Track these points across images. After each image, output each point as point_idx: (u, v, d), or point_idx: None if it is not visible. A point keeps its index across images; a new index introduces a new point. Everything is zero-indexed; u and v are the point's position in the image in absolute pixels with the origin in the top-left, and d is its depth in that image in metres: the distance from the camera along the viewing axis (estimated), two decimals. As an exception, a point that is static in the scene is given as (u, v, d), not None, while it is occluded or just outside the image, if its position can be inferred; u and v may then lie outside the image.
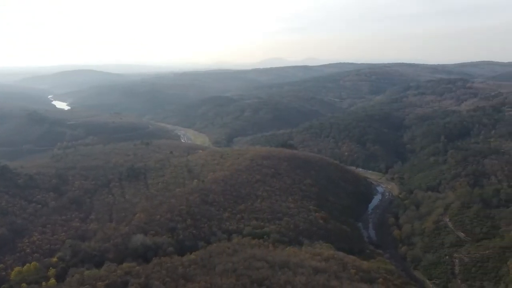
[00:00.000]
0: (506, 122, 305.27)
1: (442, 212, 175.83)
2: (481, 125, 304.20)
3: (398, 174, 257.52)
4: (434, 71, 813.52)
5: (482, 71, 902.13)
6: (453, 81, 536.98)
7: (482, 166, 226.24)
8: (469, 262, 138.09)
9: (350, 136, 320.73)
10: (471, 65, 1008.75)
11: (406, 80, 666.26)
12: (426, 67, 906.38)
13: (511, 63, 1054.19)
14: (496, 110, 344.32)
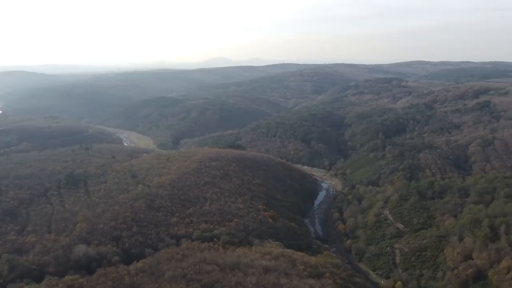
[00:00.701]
0: (437, 118, 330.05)
1: (382, 205, 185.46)
2: (415, 122, 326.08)
3: (341, 170, 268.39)
4: (371, 71, 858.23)
5: (415, 70, 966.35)
6: (389, 81, 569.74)
7: (417, 160, 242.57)
8: (409, 252, 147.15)
9: (296, 135, 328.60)
10: (405, 65, 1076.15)
11: (346, 80, 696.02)
12: (364, 67, 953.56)
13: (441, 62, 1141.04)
14: (428, 107, 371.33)
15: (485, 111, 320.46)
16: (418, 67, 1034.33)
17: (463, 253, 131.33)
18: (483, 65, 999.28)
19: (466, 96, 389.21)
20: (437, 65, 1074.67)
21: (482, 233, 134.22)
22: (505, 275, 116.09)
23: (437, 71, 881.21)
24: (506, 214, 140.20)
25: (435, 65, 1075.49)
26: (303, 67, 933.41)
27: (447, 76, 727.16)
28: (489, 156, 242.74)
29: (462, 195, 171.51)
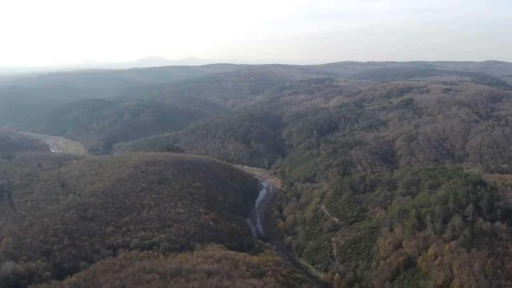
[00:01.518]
0: (366, 116, 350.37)
1: (319, 201, 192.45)
2: (346, 120, 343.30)
3: (279, 168, 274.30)
4: (304, 71, 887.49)
5: (345, 70, 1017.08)
6: (321, 81, 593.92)
7: (349, 156, 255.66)
8: (345, 244, 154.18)
9: (235, 136, 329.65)
10: (335, 65, 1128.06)
11: (281, 80, 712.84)
12: (297, 67, 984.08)
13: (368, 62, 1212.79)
14: (358, 106, 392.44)
15: (409, 108, 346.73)
16: (348, 67, 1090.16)
17: (394, 242, 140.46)
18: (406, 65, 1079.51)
19: (392, 94, 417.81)
20: (364, 65, 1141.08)
21: (410, 223, 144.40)
22: (432, 261, 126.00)
23: (365, 71, 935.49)
24: (430, 204, 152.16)
25: (363, 65, 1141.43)
26: (240, 68, 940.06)
27: (374, 75, 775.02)
28: (413, 150, 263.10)
29: (390, 187, 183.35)
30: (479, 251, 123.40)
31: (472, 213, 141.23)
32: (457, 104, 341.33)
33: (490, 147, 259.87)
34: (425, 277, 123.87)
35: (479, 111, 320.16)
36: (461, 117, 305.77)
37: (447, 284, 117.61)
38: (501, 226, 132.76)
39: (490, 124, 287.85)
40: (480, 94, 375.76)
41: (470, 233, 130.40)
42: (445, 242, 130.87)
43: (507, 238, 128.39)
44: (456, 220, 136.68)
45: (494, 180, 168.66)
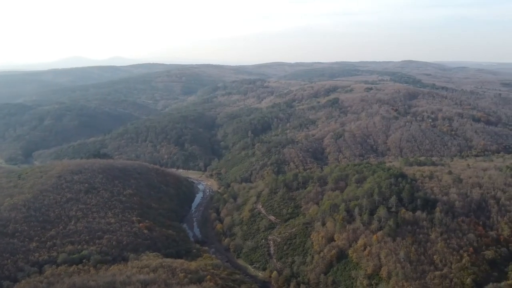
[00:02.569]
0: (297, 116, 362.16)
1: (255, 200, 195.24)
2: (279, 120, 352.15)
3: (216, 170, 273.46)
4: (236, 72, 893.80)
5: (275, 71, 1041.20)
6: (253, 81, 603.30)
7: (283, 155, 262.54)
8: (281, 242, 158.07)
9: (168, 138, 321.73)
10: (265, 66, 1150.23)
11: (214, 80, 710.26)
12: (229, 68, 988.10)
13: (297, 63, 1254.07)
14: (289, 106, 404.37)
15: (335, 107, 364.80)
16: (278, 67, 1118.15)
17: (327, 236, 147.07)
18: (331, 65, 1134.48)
19: (319, 94, 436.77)
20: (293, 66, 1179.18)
21: (340, 217, 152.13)
22: (362, 252, 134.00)
23: (293, 71, 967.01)
24: (358, 197, 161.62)
25: (292, 66, 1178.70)
26: (170, 68, 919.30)
27: (302, 76, 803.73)
28: (341, 146, 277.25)
29: (321, 183, 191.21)
30: (403, 240, 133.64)
31: (396, 204, 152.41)
32: (378, 102, 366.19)
33: (408, 141, 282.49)
34: (356, 268, 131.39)
35: (398, 108, 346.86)
36: (382, 114, 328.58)
37: (376, 273, 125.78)
38: (422, 215, 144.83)
39: (408, 120, 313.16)
40: (398, 92, 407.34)
41: (395, 223, 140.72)
42: (373, 233, 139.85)
43: (428, 226, 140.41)
44: (381, 211, 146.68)
45: (413, 172, 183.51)
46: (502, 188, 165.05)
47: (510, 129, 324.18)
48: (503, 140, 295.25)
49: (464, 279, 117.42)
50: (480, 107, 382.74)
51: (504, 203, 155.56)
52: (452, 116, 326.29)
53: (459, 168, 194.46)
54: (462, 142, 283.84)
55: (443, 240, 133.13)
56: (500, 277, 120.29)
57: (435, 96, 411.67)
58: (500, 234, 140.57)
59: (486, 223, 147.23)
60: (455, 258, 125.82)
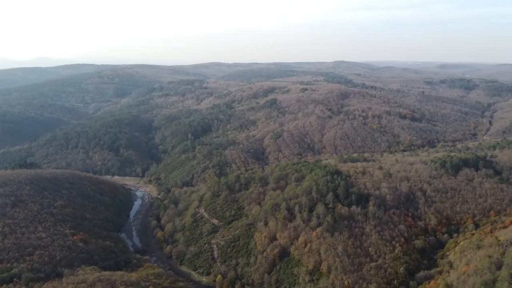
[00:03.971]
0: (237, 117, 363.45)
1: (197, 205, 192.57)
2: (219, 121, 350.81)
3: (155, 175, 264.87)
4: (173, 72, 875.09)
5: (213, 71, 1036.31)
6: (191, 82, 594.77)
7: (224, 157, 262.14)
8: (225, 245, 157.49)
9: (102, 144, 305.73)
10: (203, 66, 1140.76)
11: (149, 81, 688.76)
12: (166, 68, 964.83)
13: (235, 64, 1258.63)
14: (228, 107, 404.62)
15: (273, 108, 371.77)
16: (216, 68, 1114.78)
17: (269, 236, 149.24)
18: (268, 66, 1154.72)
19: (258, 95, 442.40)
20: (231, 66, 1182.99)
21: (281, 215, 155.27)
22: (303, 249, 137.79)
23: (231, 72, 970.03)
24: (297, 196, 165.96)
25: (230, 66, 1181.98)
26: (101, 68, 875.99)
27: (240, 76, 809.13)
28: (280, 146, 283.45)
29: (263, 183, 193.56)
30: (340, 234, 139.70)
31: (332, 200, 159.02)
32: (313, 102, 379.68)
33: (342, 139, 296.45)
34: (298, 265, 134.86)
35: (332, 108, 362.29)
36: (317, 114, 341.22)
37: (317, 268, 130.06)
38: (356, 209, 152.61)
39: (341, 119, 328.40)
40: (331, 92, 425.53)
41: (332, 219, 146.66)
42: (312, 229, 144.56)
43: (362, 219, 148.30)
44: (319, 208, 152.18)
45: (347, 169, 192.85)
46: (428, 181, 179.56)
47: (433, 124, 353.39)
48: (427, 135, 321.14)
49: (397, 268, 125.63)
50: (406, 105, 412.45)
51: (430, 194, 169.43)
52: (381, 114, 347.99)
53: (389, 163, 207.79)
54: (390, 138, 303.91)
55: (377, 233, 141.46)
56: (430, 264, 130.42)
57: (365, 95, 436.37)
58: (428, 224, 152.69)
59: (415, 214, 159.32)
60: (388, 249, 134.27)
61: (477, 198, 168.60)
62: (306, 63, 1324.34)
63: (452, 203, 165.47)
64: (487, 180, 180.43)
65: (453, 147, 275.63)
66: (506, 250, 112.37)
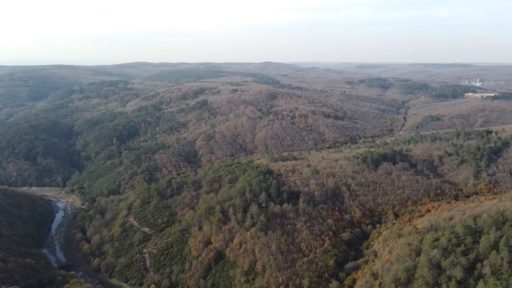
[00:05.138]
0: (166, 119, 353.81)
1: (126, 213, 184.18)
2: (147, 124, 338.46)
3: (77, 184, 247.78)
4: (95, 73, 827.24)
5: (138, 71, 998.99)
6: (115, 83, 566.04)
7: (154, 161, 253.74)
8: (158, 253, 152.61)
9: (16, 153, 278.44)
10: (128, 66, 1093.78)
11: (68, 83, 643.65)
12: (86, 68, 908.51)
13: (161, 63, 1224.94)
14: (156, 109, 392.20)
15: (204, 109, 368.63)
16: (141, 68, 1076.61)
17: (204, 240, 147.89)
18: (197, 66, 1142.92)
19: (187, 96, 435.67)
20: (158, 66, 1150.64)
21: (216, 218, 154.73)
22: (238, 250, 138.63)
23: (158, 72, 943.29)
24: (231, 197, 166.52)
25: (156, 66, 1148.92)
26: (13, 70, 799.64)
27: (168, 77, 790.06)
28: (212, 148, 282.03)
29: (196, 187, 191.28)
30: (274, 233, 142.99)
31: (265, 199, 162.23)
32: (244, 103, 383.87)
33: (273, 139, 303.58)
34: (234, 266, 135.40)
35: (262, 108, 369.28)
36: (248, 114, 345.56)
37: (252, 268, 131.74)
38: (288, 207, 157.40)
39: (271, 119, 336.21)
40: (260, 93, 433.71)
41: (265, 218, 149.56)
42: (247, 230, 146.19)
43: (294, 216, 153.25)
44: (253, 208, 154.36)
45: (278, 168, 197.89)
46: (352, 176, 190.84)
47: (354, 122, 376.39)
48: (349, 132, 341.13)
49: (327, 261, 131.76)
50: (329, 104, 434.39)
51: (354, 188, 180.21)
52: (307, 113, 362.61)
53: (316, 160, 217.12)
54: (316, 136, 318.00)
55: (307, 228, 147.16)
56: (357, 255, 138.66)
57: (292, 95, 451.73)
58: (353, 217, 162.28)
59: (341, 208, 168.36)
60: (318, 243, 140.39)
61: (395, 189, 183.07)
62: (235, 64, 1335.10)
63: (374, 196, 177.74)
64: (404, 172, 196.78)
65: (372, 142, 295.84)
66: (423, 237, 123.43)
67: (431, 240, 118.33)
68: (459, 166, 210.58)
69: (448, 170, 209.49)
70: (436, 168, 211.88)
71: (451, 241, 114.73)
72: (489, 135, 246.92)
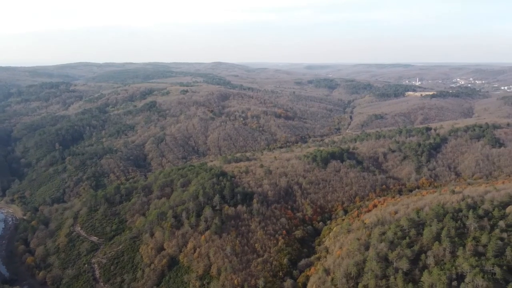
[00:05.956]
0: (112, 122, 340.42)
1: (72, 222, 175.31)
2: (92, 127, 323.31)
3: (18, 193, 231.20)
4: (34, 74, 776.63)
5: (81, 72, 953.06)
6: (56, 85, 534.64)
7: (101, 167, 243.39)
8: (107, 262, 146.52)
9: None
10: (70, 66, 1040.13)
11: (4, 85, 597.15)
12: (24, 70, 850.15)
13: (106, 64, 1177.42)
14: (102, 111, 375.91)
15: (153, 111, 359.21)
16: (84, 68, 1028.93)
17: (156, 246, 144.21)
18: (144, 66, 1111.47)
19: (135, 97, 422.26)
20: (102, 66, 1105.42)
21: (168, 224, 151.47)
22: (192, 255, 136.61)
23: (103, 72, 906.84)
24: (184, 201, 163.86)
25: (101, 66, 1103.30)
26: None
27: (114, 77, 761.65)
28: (163, 151, 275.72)
29: (146, 192, 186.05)
30: (228, 235, 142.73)
31: (219, 202, 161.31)
32: (195, 104, 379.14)
33: (225, 140, 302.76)
34: (188, 271, 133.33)
35: (213, 109, 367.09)
36: (200, 116, 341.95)
37: (207, 272, 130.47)
38: (242, 208, 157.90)
39: (223, 120, 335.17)
40: (212, 94, 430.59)
41: (220, 221, 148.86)
42: (201, 234, 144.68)
43: (248, 217, 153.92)
44: (207, 211, 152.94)
45: (232, 169, 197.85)
46: (303, 174, 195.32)
47: (304, 122, 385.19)
48: (299, 131, 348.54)
49: (281, 260, 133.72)
50: (280, 105, 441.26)
51: (305, 187, 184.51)
52: (259, 114, 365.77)
53: (268, 160, 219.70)
54: (268, 137, 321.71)
55: (261, 228, 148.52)
56: (309, 252, 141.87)
57: (244, 96, 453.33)
58: (305, 214, 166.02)
59: (294, 206, 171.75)
60: (272, 242, 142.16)
61: (344, 186, 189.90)
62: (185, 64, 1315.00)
63: (324, 193, 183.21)
64: (351, 169, 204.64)
65: (321, 141, 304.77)
66: (371, 231, 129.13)
67: (379, 234, 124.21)
68: (402, 162, 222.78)
69: (392, 166, 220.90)
70: (381, 165, 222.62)
71: (397, 234, 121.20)
72: (428, 132, 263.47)
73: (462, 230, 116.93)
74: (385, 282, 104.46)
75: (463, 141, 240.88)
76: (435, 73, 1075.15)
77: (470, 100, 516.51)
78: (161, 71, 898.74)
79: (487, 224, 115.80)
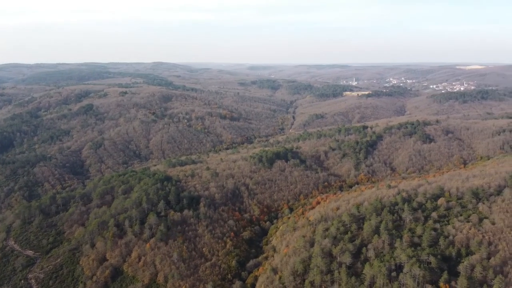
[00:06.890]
0: (45, 127, 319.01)
1: (5, 236, 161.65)
2: (23, 133, 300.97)
3: None
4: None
5: (10, 74, 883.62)
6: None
7: (34, 176, 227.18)
8: (45, 277, 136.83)
9: None
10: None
11: None
12: None
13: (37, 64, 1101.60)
14: (33, 116, 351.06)
15: (90, 114, 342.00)
16: (13, 70, 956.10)
17: (98, 257, 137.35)
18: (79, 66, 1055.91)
19: (69, 100, 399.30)
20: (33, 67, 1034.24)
21: (110, 233, 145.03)
22: (137, 264, 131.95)
23: (34, 74, 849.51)
24: (127, 209, 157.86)
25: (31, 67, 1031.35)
26: None
27: (46, 79, 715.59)
28: (102, 156, 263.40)
29: (85, 201, 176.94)
30: (175, 241, 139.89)
31: (164, 208, 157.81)
32: (135, 106, 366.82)
33: (169, 143, 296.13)
34: (133, 281, 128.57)
35: (155, 112, 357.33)
36: (141, 118, 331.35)
37: (153, 281, 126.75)
38: (188, 213, 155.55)
39: (166, 122, 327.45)
40: (153, 95, 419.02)
41: (165, 227, 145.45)
42: (146, 241, 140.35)
43: (195, 222, 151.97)
44: (151, 218, 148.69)
45: (177, 173, 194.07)
46: (249, 175, 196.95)
47: (249, 122, 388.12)
48: (245, 132, 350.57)
49: (230, 262, 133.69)
50: (225, 106, 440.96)
51: (252, 187, 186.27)
52: (204, 115, 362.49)
53: (215, 162, 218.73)
54: (214, 138, 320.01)
55: (209, 232, 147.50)
56: (257, 252, 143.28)
57: (187, 97, 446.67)
58: (252, 215, 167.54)
59: (241, 207, 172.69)
60: (220, 245, 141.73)
61: (289, 185, 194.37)
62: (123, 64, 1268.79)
63: (270, 193, 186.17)
64: (295, 168, 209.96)
65: (267, 141, 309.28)
66: (315, 228, 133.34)
67: (322, 230, 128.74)
68: (342, 160, 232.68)
69: (333, 164, 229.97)
70: (323, 163, 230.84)
71: (339, 229, 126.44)
72: (365, 130, 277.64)
73: (399, 222, 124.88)
74: (330, 277, 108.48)
75: (397, 138, 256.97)
76: (370, 73, 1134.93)
77: (402, 99, 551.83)
78: (98, 71, 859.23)
79: (421, 216, 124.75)
